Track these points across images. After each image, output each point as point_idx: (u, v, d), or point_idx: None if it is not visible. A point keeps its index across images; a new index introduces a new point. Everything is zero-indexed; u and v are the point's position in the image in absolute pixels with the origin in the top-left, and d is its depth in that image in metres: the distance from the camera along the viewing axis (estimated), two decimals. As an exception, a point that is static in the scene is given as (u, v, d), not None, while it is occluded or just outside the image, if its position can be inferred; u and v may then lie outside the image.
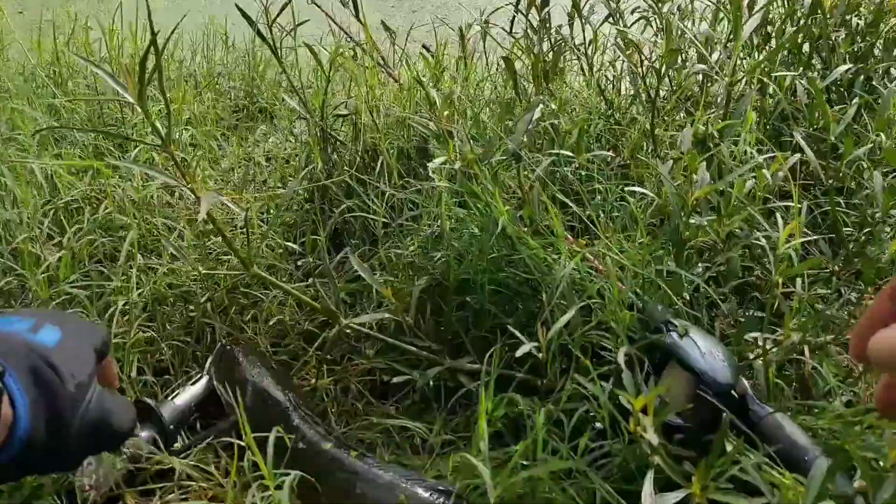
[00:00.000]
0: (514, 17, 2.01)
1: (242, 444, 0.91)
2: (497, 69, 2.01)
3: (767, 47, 1.80)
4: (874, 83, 1.67)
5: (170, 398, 1.10)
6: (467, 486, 0.99)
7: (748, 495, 0.81)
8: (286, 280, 1.46)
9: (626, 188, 1.31)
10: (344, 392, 1.31)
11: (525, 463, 0.95)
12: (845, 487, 0.88)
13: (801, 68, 1.62)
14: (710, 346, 1.06)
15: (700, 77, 1.64)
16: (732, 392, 1.04)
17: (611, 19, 1.89)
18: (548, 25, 1.82)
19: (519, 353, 1.04)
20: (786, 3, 1.80)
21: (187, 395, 1.12)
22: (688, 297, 1.18)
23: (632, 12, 1.91)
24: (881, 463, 0.87)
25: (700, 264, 1.26)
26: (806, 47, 1.74)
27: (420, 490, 0.96)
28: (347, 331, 1.27)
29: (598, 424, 1.05)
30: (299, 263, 1.49)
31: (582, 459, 0.96)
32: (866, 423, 1.03)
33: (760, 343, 1.15)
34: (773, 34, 1.75)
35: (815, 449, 0.98)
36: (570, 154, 1.39)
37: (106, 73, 0.85)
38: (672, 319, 1.12)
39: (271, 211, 1.61)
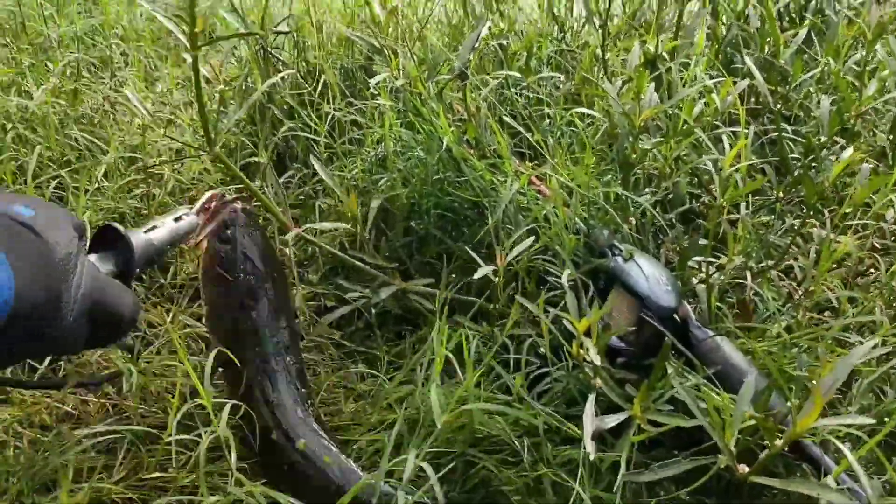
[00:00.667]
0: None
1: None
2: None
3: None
4: (825, 9, 1.66)
5: (143, 229, 0.82)
6: (414, 413, 0.98)
7: (687, 416, 0.82)
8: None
9: (575, 112, 1.28)
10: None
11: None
12: (779, 406, 0.89)
13: (754, -8, 1.60)
14: (654, 271, 1.06)
15: None
16: (675, 316, 1.04)
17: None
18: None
19: (478, 276, 1.02)
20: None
21: (165, 231, 0.85)
22: (634, 223, 1.17)
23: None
24: (814, 382, 0.88)
25: (647, 189, 1.24)
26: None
27: None
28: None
29: (541, 350, 1.05)
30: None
31: (525, 390, 0.95)
32: (803, 347, 1.05)
33: (704, 268, 1.16)
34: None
35: (753, 370, 0.99)
36: (519, 76, 1.35)
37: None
38: (617, 244, 1.11)
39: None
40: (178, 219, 0.88)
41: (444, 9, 1.90)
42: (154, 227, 0.83)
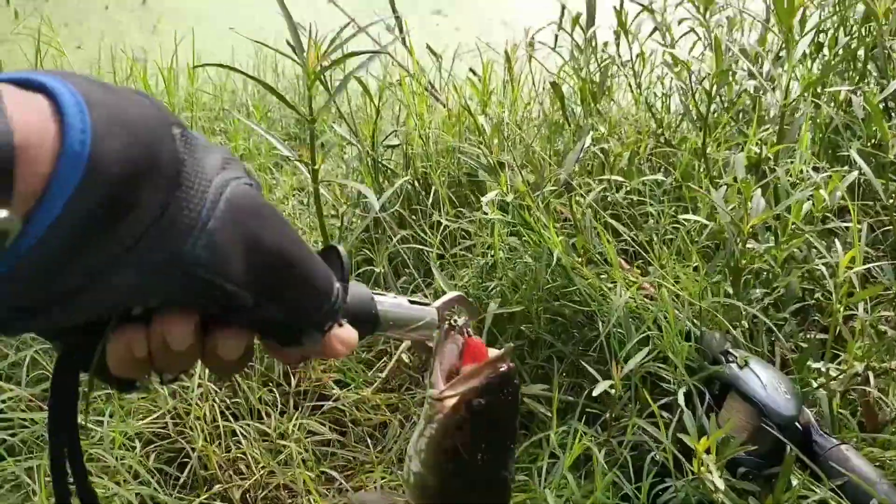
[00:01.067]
0: (556, 35, 2.02)
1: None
2: (543, 88, 2.01)
3: (820, 56, 1.77)
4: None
5: (370, 290, 0.61)
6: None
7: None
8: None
9: (681, 218, 1.30)
10: (403, 422, 1.33)
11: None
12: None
13: (857, 79, 1.59)
14: (772, 377, 1.06)
15: (752, 89, 1.62)
16: (796, 424, 1.03)
17: (657, 33, 1.88)
18: (594, 44, 1.82)
19: (596, 393, 1.05)
20: (837, 10, 1.77)
21: (393, 303, 0.62)
22: (746, 326, 1.17)
23: (679, 23, 1.90)
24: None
25: (758, 289, 1.25)
26: (860, 54, 1.71)
27: None
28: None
29: (658, 457, 1.05)
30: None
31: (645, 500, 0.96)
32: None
33: (823, 370, 1.14)
34: (826, 43, 1.71)
35: (883, 482, 0.96)
36: (622, 179, 1.39)
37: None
38: (731, 350, 1.11)
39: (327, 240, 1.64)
40: (413, 302, 0.65)
41: (541, 107, 1.97)
42: (382, 295, 0.61)
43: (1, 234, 0.34)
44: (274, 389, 1.38)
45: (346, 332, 0.50)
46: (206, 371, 1.29)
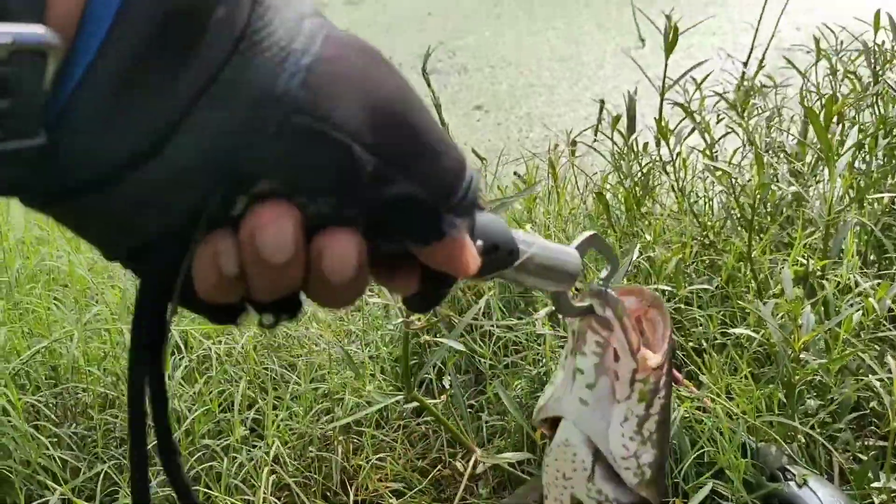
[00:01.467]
0: (594, 138, 2.08)
1: None
2: (587, 186, 2.06)
3: (861, 154, 1.80)
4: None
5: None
6: None
7: None
8: (396, 417, 1.52)
9: (727, 323, 1.32)
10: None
11: None
12: None
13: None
14: (831, 496, 1.06)
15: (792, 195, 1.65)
16: (859, 546, 1.02)
17: (697, 136, 1.93)
18: (635, 149, 1.87)
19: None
20: (877, 111, 1.80)
21: (541, 241, 0.46)
22: (802, 440, 1.18)
23: (717, 121, 1.95)
24: None
25: (812, 400, 1.25)
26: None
27: None
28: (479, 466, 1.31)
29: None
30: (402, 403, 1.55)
31: None
32: None
33: (883, 485, 1.13)
34: (866, 144, 1.75)
35: None
36: (669, 287, 1.42)
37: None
38: (788, 466, 1.11)
39: (381, 346, 1.68)
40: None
41: (585, 206, 2.02)
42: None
43: (38, 64, 0.25)
44: (331, 498, 1.41)
45: (471, 243, 0.36)
46: (269, 482, 1.32)
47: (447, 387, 1.44)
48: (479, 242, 0.38)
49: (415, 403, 1.41)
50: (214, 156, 0.28)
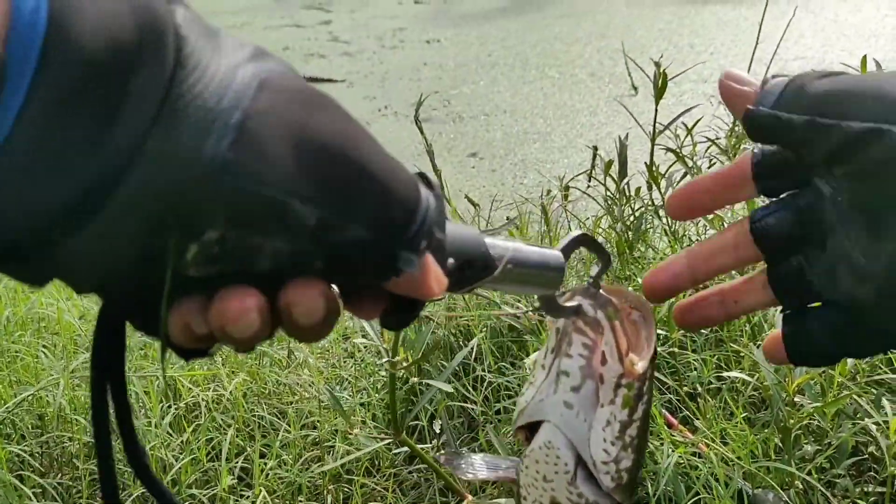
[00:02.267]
0: (588, 184, 2.10)
1: None
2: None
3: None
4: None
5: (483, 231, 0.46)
6: None
7: None
8: (387, 465, 1.50)
9: (722, 367, 1.31)
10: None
11: None
12: None
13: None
14: (831, 544, 1.03)
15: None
16: None
17: (687, 177, 1.94)
18: (627, 193, 1.88)
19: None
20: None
21: (517, 245, 0.44)
22: (800, 486, 1.15)
23: (710, 166, 1.96)
24: None
25: (809, 445, 1.23)
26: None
27: None
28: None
29: None
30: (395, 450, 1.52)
31: None
32: None
33: (884, 532, 1.11)
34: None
35: None
36: (663, 331, 1.41)
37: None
38: (786, 513, 1.09)
39: (370, 391, 1.66)
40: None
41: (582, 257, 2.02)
42: (496, 235, 0.47)
43: None
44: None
45: (435, 265, 0.35)
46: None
47: (438, 431, 1.42)
48: (451, 260, 0.37)
49: (406, 449, 1.39)
50: (155, 211, 0.28)
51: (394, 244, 0.33)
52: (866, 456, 1.30)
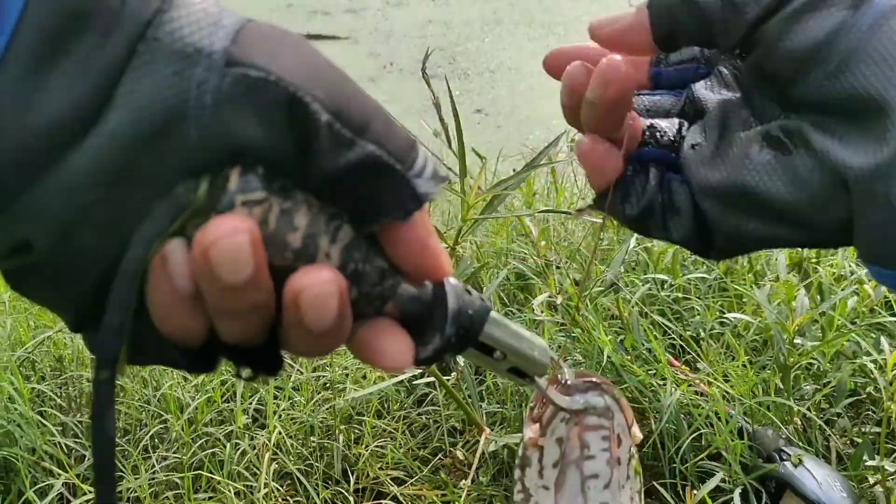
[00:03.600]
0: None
1: None
2: (586, 185, 2.09)
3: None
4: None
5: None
6: None
7: None
8: (397, 408, 1.54)
9: (725, 311, 1.34)
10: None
11: None
12: None
13: None
14: (827, 476, 1.07)
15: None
16: (854, 523, 1.03)
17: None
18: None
19: None
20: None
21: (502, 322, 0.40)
22: (799, 423, 1.19)
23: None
24: None
25: (808, 385, 1.26)
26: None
27: None
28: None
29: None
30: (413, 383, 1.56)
31: None
32: None
33: (879, 467, 1.14)
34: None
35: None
36: (666, 277, 1.43)
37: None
38: (784, 448, 1.13)
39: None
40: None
41: (584, 203, 2.04)
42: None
43: None
44: (332, 485, 1.42)
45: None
46: (271, 469, 1.34)
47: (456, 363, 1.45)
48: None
49: (415, 392, 1.42)
50: (152, 124, 0.27)
51: (406, 169, 0.30)
52: (864, 396, 1.33)
